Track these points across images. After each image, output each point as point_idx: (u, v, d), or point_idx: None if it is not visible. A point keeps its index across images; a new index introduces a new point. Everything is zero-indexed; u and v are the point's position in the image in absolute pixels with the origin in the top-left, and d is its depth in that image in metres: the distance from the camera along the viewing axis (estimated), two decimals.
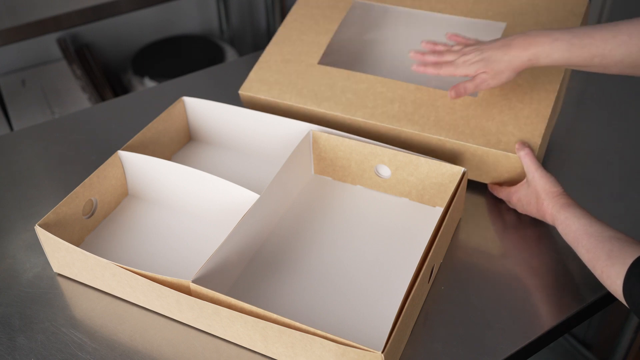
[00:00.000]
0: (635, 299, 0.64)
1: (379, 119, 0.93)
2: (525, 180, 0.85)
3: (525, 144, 0.86)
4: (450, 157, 0.91)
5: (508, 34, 0.97)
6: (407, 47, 1.06)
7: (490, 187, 0.93)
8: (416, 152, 0.92)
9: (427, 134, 0.90)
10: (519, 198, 0.86)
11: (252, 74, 1.04)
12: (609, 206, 0.91)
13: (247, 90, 1.02)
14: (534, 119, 0.89)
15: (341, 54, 1.06)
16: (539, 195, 0.81)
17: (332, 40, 1.06)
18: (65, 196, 0.84)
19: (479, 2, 1.05)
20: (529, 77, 0.93)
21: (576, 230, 0.74)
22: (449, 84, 1.00)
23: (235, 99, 1.08)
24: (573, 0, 1.01)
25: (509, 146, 0.87)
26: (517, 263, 0.84)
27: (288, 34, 1.09)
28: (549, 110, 0.89)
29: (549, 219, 0.81)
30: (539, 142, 0.87)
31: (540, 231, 0.88)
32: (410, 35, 1.10)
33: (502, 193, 0.90)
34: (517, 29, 0.99)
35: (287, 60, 1.04)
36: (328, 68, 1.02)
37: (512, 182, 0.90)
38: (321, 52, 1.04)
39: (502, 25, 1.01)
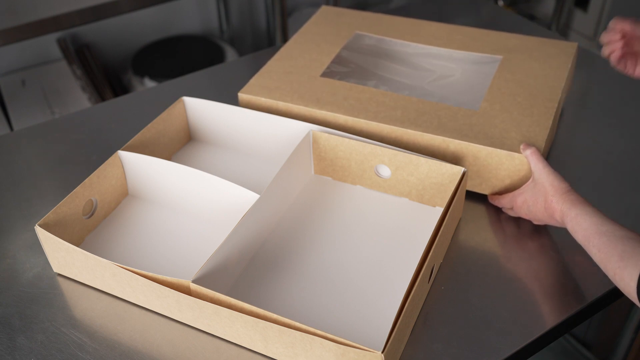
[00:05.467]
0: None
1: (381, 121, 0.93)
2: (530, 180, 0.85)
3: (530, 144, 0.86)
4: (452, 161, 0.91)
5: (505, 67, 1.03)
6: (409, 78, 1.07)
7: (490, 198, 0.92)
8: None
9: (430, 135, 0.90)
10: (525, 199, 0.85)
11: (253, 80, 1.04)
12: (609, 206, 0.91)
13: (246, 93, 1.02)
14: (535, 127, 0.91)
15: (343, 74, 1.07)
16: (547, 192, 0.80)
17: (333, 61, 1.08)
18: (65, 196, 0.84)
19: (475, 40, 1.12)
20: (527, 95, 0.97)
21: (587, 229, 0.73)
22: (451, 100, 1.00)
23: (235, 99, 1.08)
24: (563, 43, 1.09)
25: (513, 148, 0.87)
26: (517, 263, 0.84)
27: (290, 52, 1.11)
28: (550, 122, 0.92)
29: (557, 216, 0.79)
30: (542, 145, 0.87)
31: (540, 232, 0.88)
32: (410, 65, 1.11)
33: (504, 199, 0.89)
34: (513, 61, 1.05)
35: (289, 72, 1.05)
36: (330, 80, 1.03)
37: (512, 190, 0.90)
38: (324, 67, 1.06)
39: (499, 57, 1.07)
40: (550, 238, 0.87)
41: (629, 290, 0.67)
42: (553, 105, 0.95)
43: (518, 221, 0.90)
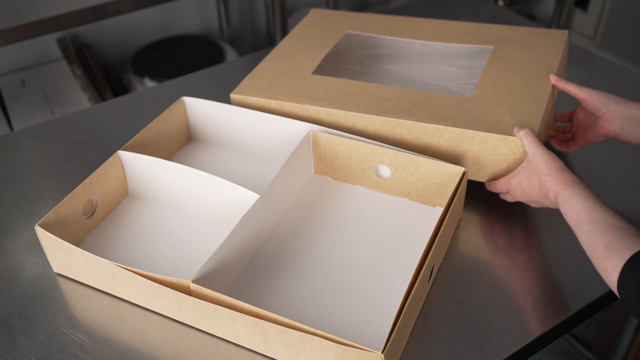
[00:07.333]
0: (630, 295, 0.64)
1: (374, 113, 0.93)
2: (525, 161, 0.84)
3: (524, 126, 0.86)
4: (447, 150, 0.90)
5: (497, 56, 1.03)
6: (400, 72, 1.08)
7: (487, 184, 0.92)
8: (412, 145, 0.92)
9: (423, 123, 0.90)
10: (520, 181, 0.84)
11: (245, 81, 1.04)
12: (609, 206, 0.91)
13: (238, 94, 1.02)
14: (529, 110, 0.90)
15: (335, 71, 1.07)
16: (541, 171, 0.79)
17: (324, 59, 1.08)
18: (65, 196, 0.84)
19: (465, 33, 1.12)
20: (520, 82, 0.97)
21: (579, 213, 0.72)
22: (444, 89, 1.01)
23: None
24: (554, 32, 1.09)
25: (507, 131, 0.87)
26: (517, 263, 0.84)
27: (280, 54, 1.11)
28: (543, 105, 0.91)
29: (551, 196, 0.78)
30: (537, 128, 0.86)
31: (540, 231, 0.88)
32: (402, 59, 1.11)
33: (499, 183, 0.88)
34: (504, 51, 1.05)
35: (281, 72, 1.05)
36: (322, 77, 1.03)
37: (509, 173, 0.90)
38: (315, 65, 1.06)
39: (490, 48, 1.07)
40: (550, 238, 0.87)
41: (610, 282, 0.67)
42: (546, 90, 0.93)
43: (519, 221, 0.90)
